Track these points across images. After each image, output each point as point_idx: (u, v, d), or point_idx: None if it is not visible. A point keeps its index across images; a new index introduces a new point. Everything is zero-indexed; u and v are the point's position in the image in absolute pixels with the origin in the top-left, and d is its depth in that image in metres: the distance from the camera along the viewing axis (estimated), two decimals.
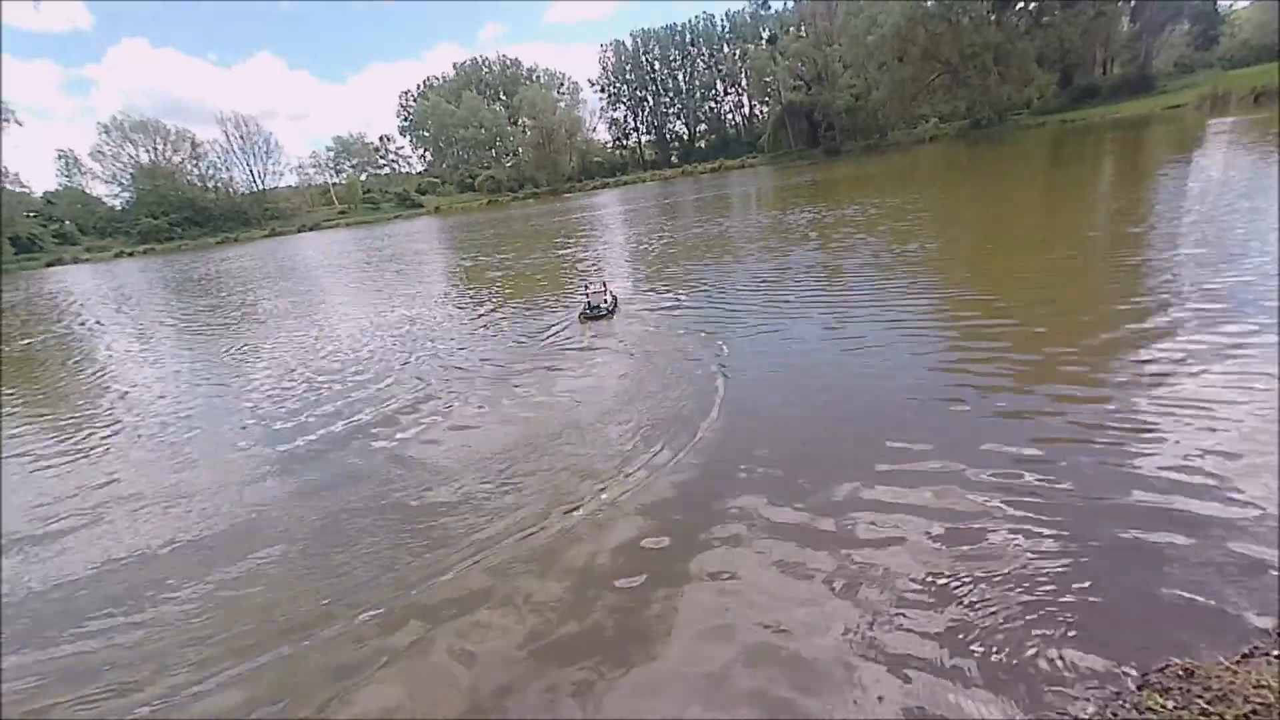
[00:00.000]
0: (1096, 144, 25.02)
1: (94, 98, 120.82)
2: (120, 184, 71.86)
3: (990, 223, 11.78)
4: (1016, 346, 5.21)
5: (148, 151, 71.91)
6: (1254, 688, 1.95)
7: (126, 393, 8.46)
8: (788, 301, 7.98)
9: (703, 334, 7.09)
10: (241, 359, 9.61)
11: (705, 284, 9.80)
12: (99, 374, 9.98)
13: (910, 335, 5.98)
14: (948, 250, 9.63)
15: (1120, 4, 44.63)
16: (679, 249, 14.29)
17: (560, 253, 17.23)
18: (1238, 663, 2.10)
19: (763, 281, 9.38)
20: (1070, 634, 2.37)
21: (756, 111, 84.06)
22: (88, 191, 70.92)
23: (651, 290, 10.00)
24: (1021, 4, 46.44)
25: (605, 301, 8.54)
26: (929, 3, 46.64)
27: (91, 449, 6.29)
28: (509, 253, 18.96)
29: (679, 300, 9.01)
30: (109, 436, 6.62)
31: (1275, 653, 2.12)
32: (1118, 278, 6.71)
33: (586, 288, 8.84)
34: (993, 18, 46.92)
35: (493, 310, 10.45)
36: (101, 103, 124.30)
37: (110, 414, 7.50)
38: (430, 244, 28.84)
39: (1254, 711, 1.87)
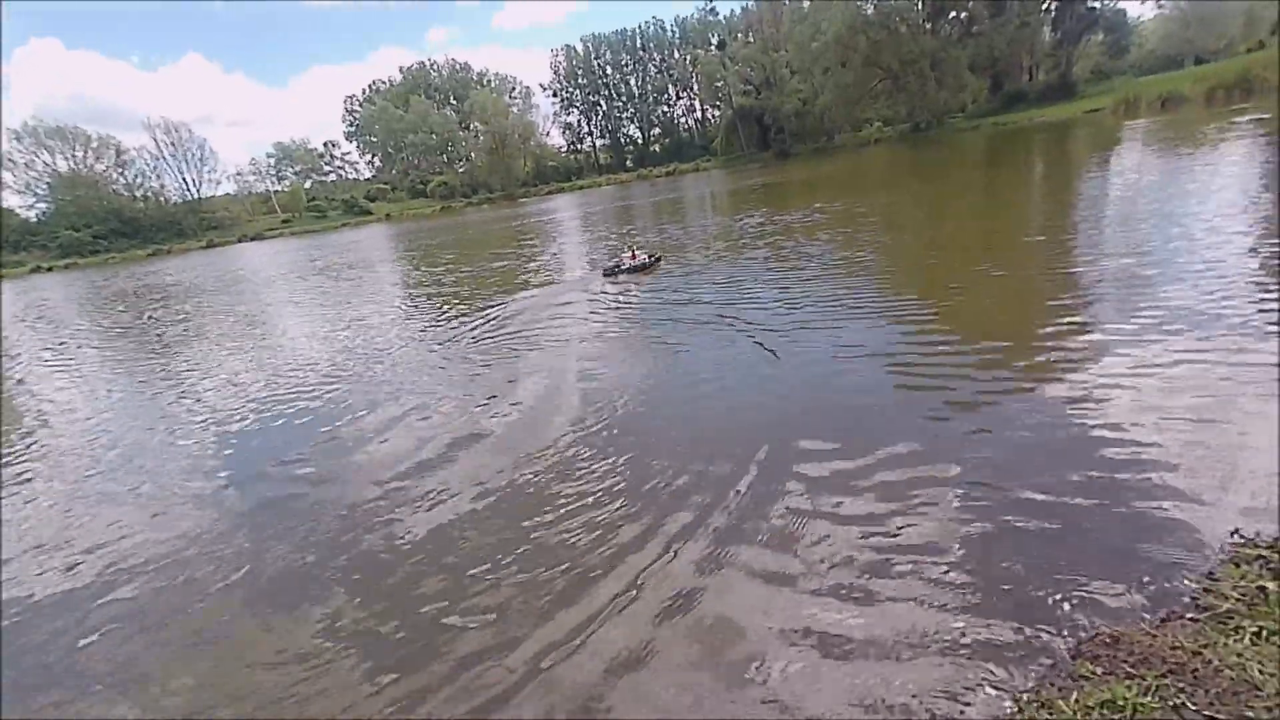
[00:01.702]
0: (1027, 146, 26.54)
1: (1, 102, 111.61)
2: (35, 194, 66.89)
3: (933, 228, 12.29)
4: (956, 349, 5.49)
5: (66, 159, 67.15)
6: (1170, 649, 2.12)
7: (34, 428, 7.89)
8: (735, 315, 7.93)
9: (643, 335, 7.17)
10: (159, 389, 9.08)
11: (655, 288, 9.95)
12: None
13: (856, 346, 6.12)
14: (893, 258, 9.91)
15: (1042, 14, 47.79)
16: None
17: (525, 258, 17.04)
18: (1157, 627, 2.28)
19: (710, 293, 9.54)
20: (1010, 610, 2.52)
21: (709, 115, 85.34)
22: None
23: (611, 298, 10.06)
24: (954, 13, 49.02)
25: (625, 264, 10.97)
26: (869, 10, 48.62)
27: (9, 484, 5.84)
28: (451, 260, 18.61)
29: (638, 303, 9.09)
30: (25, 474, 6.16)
31: (1190, 615, 2.31)
32: (1052, 282, 7.02)
33: (620, 252, 11.62)
34: (928, 26, 49.39)
35: (438, 320, 10.25)
36: (11, 108, 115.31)
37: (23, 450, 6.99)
38: (382, 252, 28.00)
39: (1171, 671, 2.04)
